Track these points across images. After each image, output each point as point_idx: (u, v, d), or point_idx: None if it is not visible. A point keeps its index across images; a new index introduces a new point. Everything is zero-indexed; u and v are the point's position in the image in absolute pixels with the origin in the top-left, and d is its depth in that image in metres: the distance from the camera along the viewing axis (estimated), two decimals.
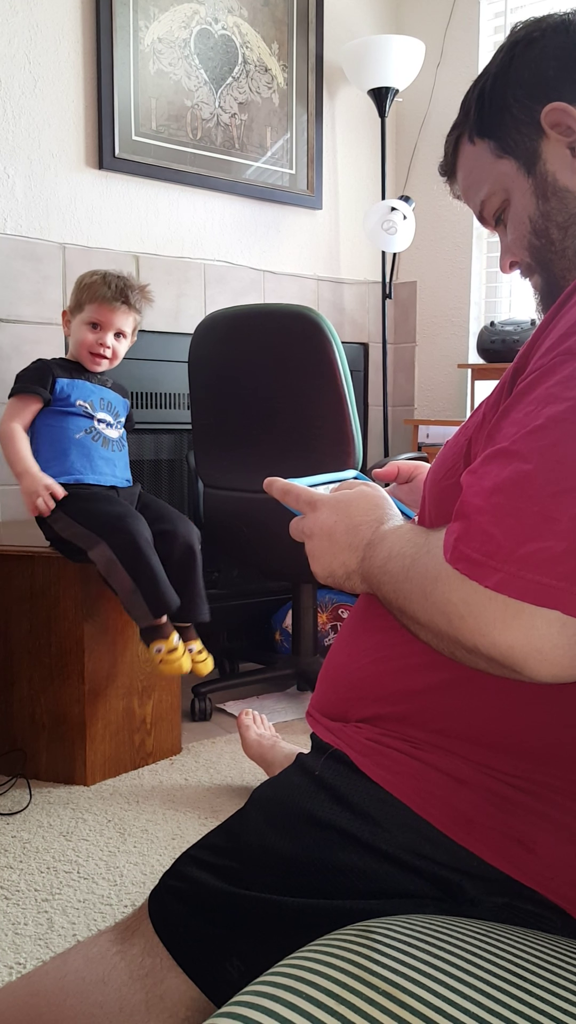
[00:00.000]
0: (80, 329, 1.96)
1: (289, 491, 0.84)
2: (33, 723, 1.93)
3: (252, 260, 2.77)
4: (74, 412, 1.92)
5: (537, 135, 0.79)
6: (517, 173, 0.81)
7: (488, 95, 0.82)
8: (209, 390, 2.21)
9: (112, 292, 1.94)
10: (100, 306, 1.94)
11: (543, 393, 0.62)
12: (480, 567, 0.58)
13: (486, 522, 0.59)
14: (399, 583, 0.68)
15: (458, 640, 0.61)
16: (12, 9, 2.25)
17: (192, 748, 2.11)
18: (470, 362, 2.92)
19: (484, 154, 0.84)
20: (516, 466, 0.59)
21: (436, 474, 0.78)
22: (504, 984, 0.53)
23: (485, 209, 0.86)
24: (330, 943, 0.58)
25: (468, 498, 0.61)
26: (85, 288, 1.96)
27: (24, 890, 1.48)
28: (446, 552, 0.62)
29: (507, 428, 0.63)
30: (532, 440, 0.60)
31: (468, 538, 0.60)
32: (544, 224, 0.81)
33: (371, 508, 0.78)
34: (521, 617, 0.57)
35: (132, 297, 1.96)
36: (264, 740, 1.78)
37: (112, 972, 0.75)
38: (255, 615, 2.85)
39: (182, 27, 2.52)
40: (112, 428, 1.99)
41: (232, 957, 0.72)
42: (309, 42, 2.81)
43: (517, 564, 0.57)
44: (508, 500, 0.59)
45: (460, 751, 0.72)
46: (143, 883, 1.50)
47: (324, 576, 0.79)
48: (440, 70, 2.94)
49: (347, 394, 2.03)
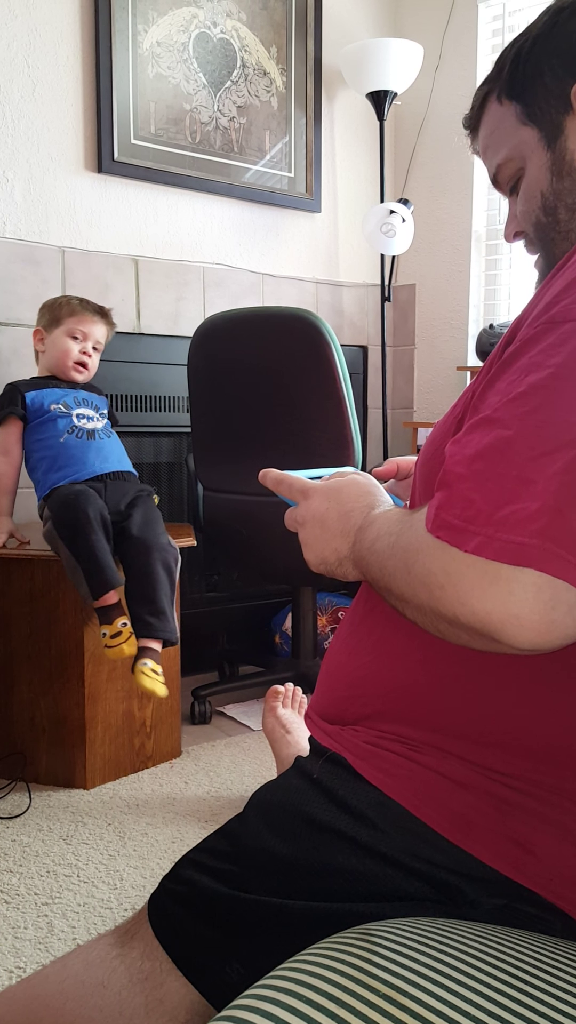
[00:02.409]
0: (61, 340, 2.02)
1: (282, 480, 0.84)
2: (33, 726, 1.92)
3: (251, 263, 2.77)
4: (51, 417, 1.96)
5: (564, 109, 0.78)
6: (537, 144, 0.80)
7: (524, 57, 0.80)
8: (208, 393, 2.21)
9: (91, 307, 2.06)
10: (81, 318, 2.03)
11: (526, 362, 0.62)
12: (460, 533, 0.58)
13: (467, 488, 0.59)
14: (384, 561, 0.67)
15: (439, 611, 0.60)
16: (11, 13, 2.25)
17: (192, 751, 2.11)
18: (469, 364, 2.92)
19: (509, 117, 0.82)
20: (497, 433, 0.59)
21: (425, 454, 0.78)
22: (504, 986, 0.53)
23: (500, 173, 0.85)
24: (330, 946, 0.58)
25: (450, 467, 0.61)
26: (61, 306, 2.05)
27: (24, 894, 1.47)
28: (428, 522, 0.61)
29: (491, 398, 0.63)
30: (513, 407, 0.60)
31: (449, 505, 0.60)
32: (554, 202, 0.80)
33: (362, 495, 0.78)
34: (499, 582, 0.56)
35: (107, 312, 2.09)
36: (277, 729, 1.71)
37: (112, 976, 0.75)
38: (255, 618, 2.85)
39: (181, 31, 2.53)
40: (94, 420, 2.02)
41: (232, 960, 0.71)
42: (308, 46, 2.81)
43: (495, 526, 0.56)
44: (488, 466, 0.59)
45: (458, 752, 0.72)
46: (143, 887, 1.50)
47: (316, 563, 0.79)
48: (439, 73, 2.94)
49: (346, 397, 2.03)
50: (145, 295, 2.54)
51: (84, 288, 2.39)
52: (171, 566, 1.86)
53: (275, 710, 1.69)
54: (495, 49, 2.85)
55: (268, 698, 1.73)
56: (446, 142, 2.92)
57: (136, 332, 2.51)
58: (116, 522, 1.87)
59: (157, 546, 1.85)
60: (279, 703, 1.70)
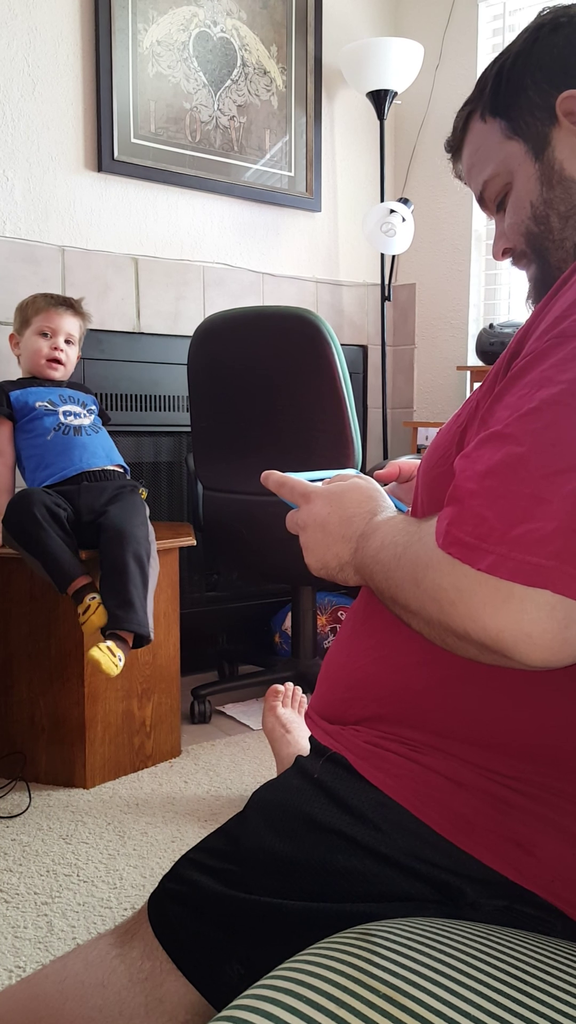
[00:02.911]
0: (32, 340, 2.02)
1: (284, 483, 0.84)
2: (33, 726, 1.92)
3: (251, 262, 2.77)
4: (38, 415, 1.97)
5: (550, 121, 0.79)
6: (524, 156, 0.81)
7: (506, 74, 0.81)
8: (208, 392, 2.21)
9: (56, 300, 2.04)
10: (48, 314, 2.02)
11: (537, 376, 0.62)
12: (473, 550, 0.58)
13: (479, 505, 0.59)
14: (390, 571, 0.67)
15: (449, 626, 0.61)
16: (11, 12, 2.25)
17: (191, 751, 2.11)
18: (469, 364, 2.92)
19: (493, 133, 0.83)
20: (509, 449, 0.59)
21: (428, 462, 0.77)
22: (504, 987, 0.53)
23: (487, 191, 0.85)
24: (330, 946, 0.58)
25: (461, 482, 0.61)
26: (28, 305, 2.05)
27: (24, 893, 1.47)
28: (438, 537, 0.61)
29: (500, 412, 0.63)
30: (525, 423, 0.60)
31: (461, 521, 0.60)
32: (545, 211, 0.80)
33: (365, 500, 0.78)
34: (511, 601, 0.56)
35: (75, 303, 2.07)
36: (277, 728, 1.72)
37: (111, 975, 0.75)
38: (254, 617, 2.85)
39: (181, 30, 2.53)
40: (82, 417, 2.02)
41: (232, 960, 0.71)
42: (308, 45, 2.81)
43: (509, 545, 0.56)
44: (501, 483, 0.59)
45: (459, 753, 0.72)
46: (142, 886, 1.50)
47: (317, 568, 0.79)
48: (439, 72, 2.94)
49: (346, 396, 2.03)
50: (145, 294, 2.54)
51: (84, 287, 2.39)
52: (143, 558, 1.81)
53: (275, 709, 1.69)
54: (495, 48, 2.85)
55: (268, 697, 1.72)
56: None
57: (136, 331, 2.51)
58: (94, 519, 1.88)
59: (131, 538, 1.81)
60: (279, 702, 1.69)
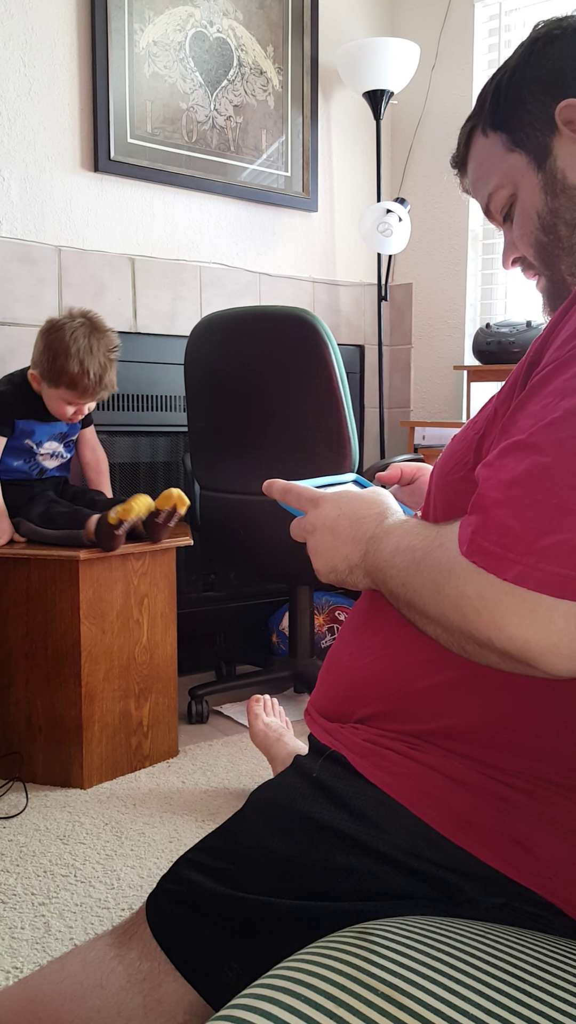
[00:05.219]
0: (56, 403, 1.98)
1: (290, 490, 0.84)
2: (30, 726, 1.92)
3: (248, 262, 2.77)
4: (22, 447, 2.05)
5: (550, 131, 0.80)
6: (527, 167, 0.82)
7: (505, 88, 0.83)
8: (205, 392, 2.21)
9: (91, 381, 1.92)
10: (79, 393, 1.94)
11: (560, 385, 0.62)
12: (499, 560, 0.58)
13: (504, 515, 0.59)
14: (408, 576, 0.67)
15: (471, 634, 0.61)
16: (7, 12, 2.25)
17: (189, 751, 2.10)
18: (466, 364, 2.92)
19: (496, 147, 0.84)
20: (534, 458, 0.59)
21: (443, 467, 0.78)
22: (502, 985, 0.53)
23: (492, 203, 0.86)
24: (328, 945, 0.58)
25: (485, 491, 0.61)
26: (62, 370, 1.90)
27: (21, 894, 1.47)
28: (462, 545, 0.61)
29: (523, 421, 0.63)
30: (550, 432, 0.60)
31: (486, 531, 0.60)
32: (552, 220, 0.81)
33: (374, 503, 0.78)
34: (539, 611, 0.57)
35: (107, 378, 1.96)
36: (270, 733, 1.74)
37: (110, 976, 0.75)
38: (252, 617, 2.85)
39: (177, 30, 2.52)
40: (53, 458, 2.10)
41: (230, 960, 0.71)
42: (304, 45, 2.81)
43: (536, 556, 0.57)
44: (526, 493, 0.59)
45: (459, 751, 0.72)
46: (140, 886, 1.50)
47: (326, 572, 0.79)
48: (435, 73, 2.94)
49: (343, 396, 2.03)
50: (142, 294, 2.54)
51: (80, 287, 2.39)
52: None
53: (260, 717, 1.77)
54: (491, 48, 2.85)
55: (251, 707, 1.79)
56: (442, 141, 2.91)
57: (132, 331, 2.51)
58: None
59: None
60: (261, 714, 1.78)
